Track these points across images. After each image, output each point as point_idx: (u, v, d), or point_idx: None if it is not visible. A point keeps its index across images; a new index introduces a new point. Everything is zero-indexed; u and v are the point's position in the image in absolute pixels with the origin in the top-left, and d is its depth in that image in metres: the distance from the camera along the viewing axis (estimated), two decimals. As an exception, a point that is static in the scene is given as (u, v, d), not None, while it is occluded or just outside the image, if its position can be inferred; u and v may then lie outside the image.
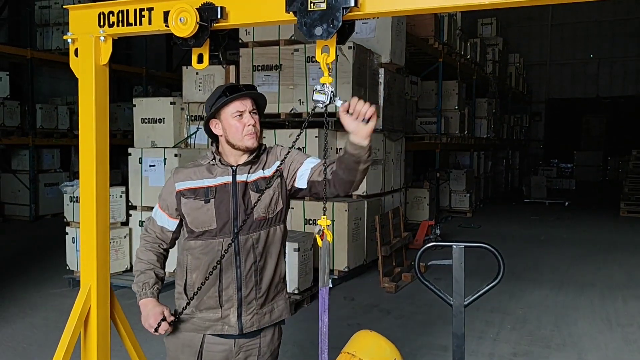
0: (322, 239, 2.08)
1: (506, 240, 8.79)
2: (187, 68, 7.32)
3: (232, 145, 2.22)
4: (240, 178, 2.23)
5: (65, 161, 12.08)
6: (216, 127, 2.25)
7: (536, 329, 5.12)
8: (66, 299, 5.74)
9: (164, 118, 6.97)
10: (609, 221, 11.49)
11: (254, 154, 2.26)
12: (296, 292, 5.63)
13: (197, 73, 7.13)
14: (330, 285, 6.28)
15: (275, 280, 2.29)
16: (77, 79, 2.46)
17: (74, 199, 6.37)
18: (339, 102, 1.98)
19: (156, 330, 2.15)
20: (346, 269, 6.47)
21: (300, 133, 2.26)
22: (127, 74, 14.10)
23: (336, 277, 6.47)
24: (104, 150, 2.47)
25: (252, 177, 2.24)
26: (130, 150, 6.87)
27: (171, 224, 2.30)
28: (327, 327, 2.12)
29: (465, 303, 2.60)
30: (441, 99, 11.03)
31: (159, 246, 2.32)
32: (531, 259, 7.86)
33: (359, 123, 1.96)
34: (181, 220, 2.29)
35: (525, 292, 6.23)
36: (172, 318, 2.19)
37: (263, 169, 2.27)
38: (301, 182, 2.24)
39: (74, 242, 6.31)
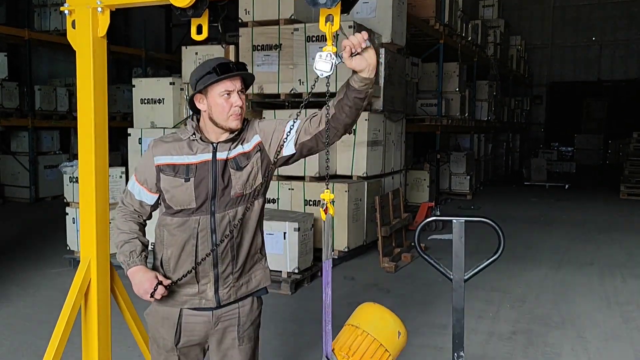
0: (325, 213, 2.08)
1: (506, 222, 8.78)
2: (186, 48, 7.27)
3: (215, 124, 2.16)
4: (221, 156, 2.17)
5: (64, 143, 12.05)
6: (200, 102, 2.17)
7: (535, 307, 5.14)
8: (66, 279, 5.76)
9: (163, 98, 6.94)
10: (609, 203, 11.49)
11: (236, 132, 2.21)
12: (296, 271, 5.64)
13: (196, 53, 7.08)
14: (335, 256, 6.31)
15: (251, 253, 2.27)
16: (75, 59, 2.44)
17: (74, 180, 6.37)
18: (337, 60, 1.94)
19: (152, 295, 2.10)
20: (346, 249, 6.48)
21: (300, 112, 2.20)
22: (126, 55, 14.00)
23: (336, 257, 6.49)
24: (102, 124, 2.46)
25: (232, 153, 2.19)
26: (130, 130, 6.86)
27: (150, 198, 2.24)
28: (331, 299, 2.12)
29: (465, 277, 2.60)
30: (442, 80, 10.97)
31: (138, 216, 2.27)
32: (531, 239, 7.88)
33: (363, 55, 1.94)
34: (160, 194, 2.23)
35: (524, 271, 6.25)
36: (169, 282, 2.15)
37: (242, 144, 2.21)
38: (288, 149, 2.19)
39: (74, 223, 6.31)
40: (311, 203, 6.53)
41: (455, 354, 2.62)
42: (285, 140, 2.18)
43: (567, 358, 4.06)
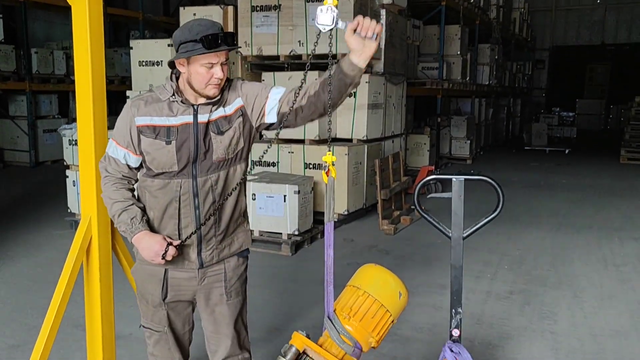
0: (327, 175, 2.08)
1: (505, 186, 8.72)
2: (184, 9, 7.17)
3: (193, 89, 2.11)
4: (202, 118, 2.13)
5: (63, 108, 11.97)
6: (181, 65, 2.10)
7: (533, 268, 5.20)
8: (68, 240, 5.75)
9: (161, 61, 6.87)
10: (609, 168, 11.50)
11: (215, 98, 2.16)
12: (297, 233, 5.68)
13: (194, 14, 6.98)
14: (335, 219, 6.32)
15: (234, 216, 2.26)
16: (71, 22, 2.40)
17: (73, 142, 6.36)
18: (341, 24, 1.91)
19: (163, 257, 2.10)
20: (346, 212, 6.52)
21: (305, 75, 2.13)
22: (123, 18, 13.78)
23: (336, 220, 6.52)
24: (100, 80, 2.44)
25: (214, 116, 2.15)
26: (128, 93, 6.81)
27: (135, 161, 2.18)
28: (333, 260, 2.13)
29: (464, 235, 2.61)
30: (443, 44, 10.83)
31: (127, 183, 2.21)
32: (530, 203, 7.92)
33: (364, 41, 1.94)
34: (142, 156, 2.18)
35: (523, 234, 6.29)
36: (179, 242, 2.15)
37: (224, 106, 2.17)
38: (271, 117, 2.17)
39: (74, 185, 6.32)
40: (311, 166, 6.53)
41: (453, 311, 2.66)
42: (268, 107, 2.16)
43: (563, 317, 4.12)
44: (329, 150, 2.07)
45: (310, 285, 4.68)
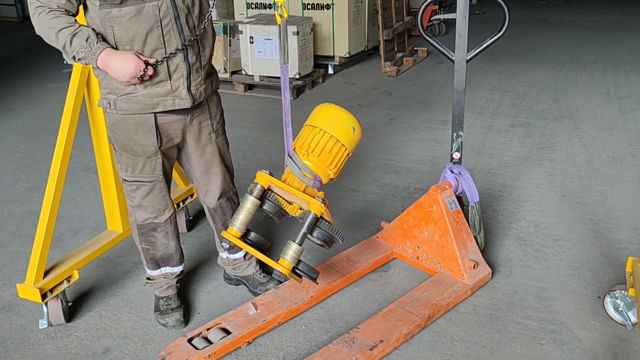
0: (280, 16, 2.04)
1: (511, 25, 8.49)
2: None
3: None
4: None
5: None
6: None
7: (535, 103, 5.20)
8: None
9: None
10: (621, 2, 11.00)
11: None
12: (297, 77, 5.62)
13: None
14: (335, 62, 6.23)
15: (213, 49, 2.22)
16: None
17: (59, -11, 6.06)
18: None
19: (141, 77, 1.96)
20: (347, 55, 6.37)
21: None
22: None
23: (337, 63, 6.42)
24: None
25: None
26: None
27: None
28: (290, 102, 2.22)
29: (468, 58, 2.58)
30: None
31: (66, 12, 1.93)
32: (535, 41, 7.69)
33: None
34: None
35: (527, 71, 6.19)
36: (154, 60, 1.98)
37: None
38: None
39: (67, 36, 6.14)
40: (310, 7, 6.27)
41: (455, 134, 2.71)
42: None
43: (562, 147, 4.20)
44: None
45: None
